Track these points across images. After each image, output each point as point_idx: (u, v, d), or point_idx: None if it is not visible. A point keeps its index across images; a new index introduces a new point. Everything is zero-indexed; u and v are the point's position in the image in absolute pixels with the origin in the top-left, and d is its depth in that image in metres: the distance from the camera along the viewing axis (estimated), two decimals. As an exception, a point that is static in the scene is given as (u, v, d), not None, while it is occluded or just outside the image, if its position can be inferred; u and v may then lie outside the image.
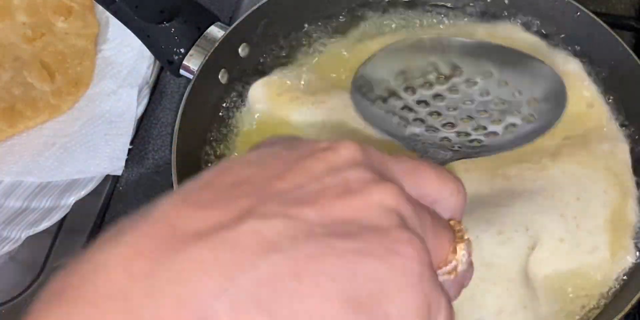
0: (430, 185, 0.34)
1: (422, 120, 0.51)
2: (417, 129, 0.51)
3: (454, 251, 0.33)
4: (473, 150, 0.50)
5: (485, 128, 0.51)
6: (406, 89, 0.53)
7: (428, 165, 0.34)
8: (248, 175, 0.30)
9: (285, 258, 0.27)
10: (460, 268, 0.33)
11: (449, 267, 0.33)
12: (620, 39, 0.58)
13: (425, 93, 0.53)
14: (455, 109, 0.52)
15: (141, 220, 0.28)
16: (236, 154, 0.59)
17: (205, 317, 0.25)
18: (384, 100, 0.52)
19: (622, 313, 0.50)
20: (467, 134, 0.51)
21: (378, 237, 0.28)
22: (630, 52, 0.58)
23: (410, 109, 0.52)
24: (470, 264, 0.34)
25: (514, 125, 0.51)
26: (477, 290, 0.51)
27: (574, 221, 0.53)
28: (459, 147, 0.50)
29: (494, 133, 0.51)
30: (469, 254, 0.34)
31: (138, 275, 0.26)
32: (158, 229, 0.27)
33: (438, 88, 0.53)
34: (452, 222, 0.35)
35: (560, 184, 0.55)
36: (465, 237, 0.34)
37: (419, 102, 0.52)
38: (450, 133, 0.51)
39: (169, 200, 0.29)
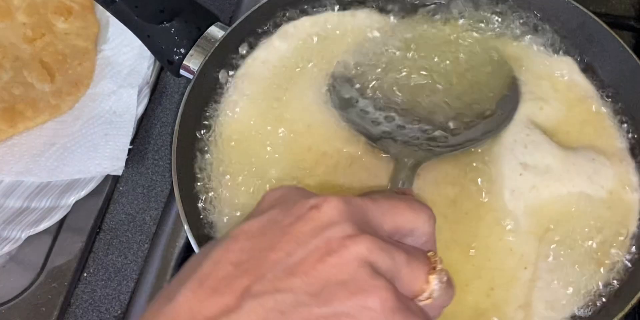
0: (405, 219, 0.41)
1: (392, 118, 0.55)
2: (388, 128, 0.54)
3: (428, 282, 0.39)
4: (441, 150, 0.53)
5: (448, 128, 0.55)
6: (371, 86, 0.57)
7: (403, 202, 0.42)
8: (248, 253, 0.38)
9: None
10: (435, 295, 0.40)
11: (424, 295, 0.39)
12: (620, 39, 0.58)
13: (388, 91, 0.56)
14: (422, 109, 0.56)
15: (166, 303, 0.37)
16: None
17: None
18: (357, 100, 0.56)
19: (622, 313, 0.50)
20: (433, 132, 0.54)
21: (348, 291, 0.36)
22: (630, 52, 0.58)
23: (381, 108, 0.56)
24: (448, 288, 0.41)
25: (476, 124, 0.55)
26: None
27: None
28: (429, 145, 0.53)
29: (458, 132, 0.54)
30: (444, 282, 0.40)
31: None
32: (182, 313, 0.36)
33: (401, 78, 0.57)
34: (429, 254, 0.41)
35: None
36: (438, 267, 0.40)
37: (387, 100, 0.56)
38: (418, 131, 0.54)
39: (190, 285, 0.37)
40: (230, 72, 0.60)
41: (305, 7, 0.62)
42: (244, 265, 0.37)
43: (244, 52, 0.61)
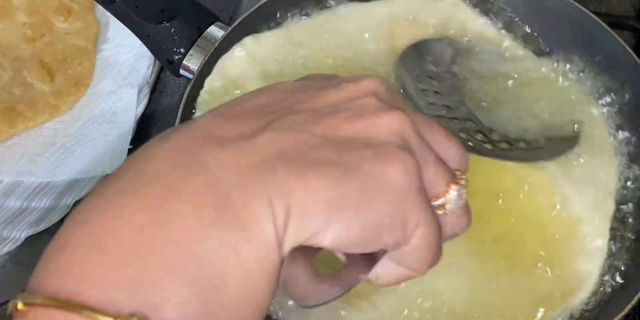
0: (440, 137, 0.37)
1: (449, 108, 0.54)
2: (441, 113, 0.54)
3: (447, 190, 0.36)
4: (482, 150, 0.52)
5: (496, 140, 0.54)
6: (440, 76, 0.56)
7: (441, 126, 0.38)
8: (279, 99, 0.36)
9: (288, 165, 0.32)
10: (448, 206, 0.36)
11: (438, 202, 0.36)
12: (620, 39, 0.58)
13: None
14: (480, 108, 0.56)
15: (185, 126, 0.35)
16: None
17: (219, 191, 0.32)
18: (420, 81, 0.55)
19: (623, 313, 0.50)
20: (483, 133, 0.53)
21: (373, 152, 0.33)
22: (631, 52, 0.58)
23: (442, 95, 0.55)
24: (463, 210, 0.38)
25: (527, 142, 0.54)
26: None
27: None
28: (472, 144, 0.52)
29: (504, 146, 0.53)
30: (463, 198, 0.37)
31: (177, 164, 0.33)
32: (197, 132, 0.34)
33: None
34: (457, 172, 0.37)
35: None
36: (462, 182, 0.37)
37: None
38: (469, 126, 0.54)
39: (211, 113, 0.36)
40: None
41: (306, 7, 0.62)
42: (270, 108, 0.35)
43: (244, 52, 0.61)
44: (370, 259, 0.36)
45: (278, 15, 0.61)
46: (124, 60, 0.70)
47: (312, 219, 0.32)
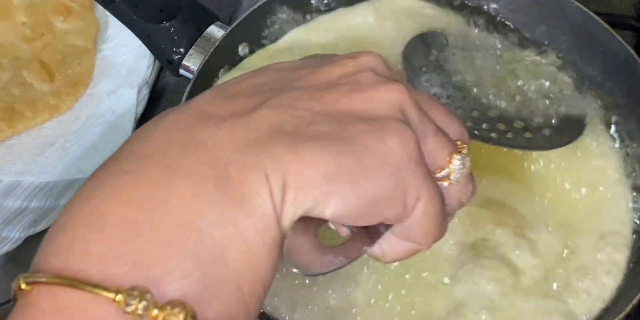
0: (440, 114, 0.37)
1: (453, 97, 0.55)
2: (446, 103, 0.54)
3: (450, 161, 0.36)
4: (487, 136, 0.53)
5: (500, 129, 0.54)
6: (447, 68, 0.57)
7: (441, 104, 0.38)
8: (276, 78, 0.36)
9: (284, 140, 0.32)
10: (453, 176, 0.37)
11: (442, 174, 0.36)
12: (620, 39, 0.58)
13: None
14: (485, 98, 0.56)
15: (181, 107, 0.35)
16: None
17: (217, 167, 0.32)
18: (426, 72, 0.56)
19: (623, 313, 0.50)
20: (487, 123, 0.54)
21: (370, 125, 0.33)
22: (631, 51, 0.58)
23: (445, 88, 0.56)
24: (468, 179, 0.38)
25: (528, 137, 0.54)
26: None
27: None
28: (477, 131, 0.53)
29: (509, 135, 0.54)
30: (466, 167, 0.37)
31: (173, 143, 0.33)
32: (192, 111, 0.35)
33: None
34: (458, 142, 0.38)
35: None
36: (464, 151, 0.37)
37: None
38: (474, 117, 0.54)
39: (207, 92, 0.36)
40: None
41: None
42: (268, 86, 0.36)
43: (244, 52, 0.61)
44: (374, 231, 0.36)
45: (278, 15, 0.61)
46: (124, 60, 0.70)
47: (308, 191, 0.32)
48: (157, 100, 0.71)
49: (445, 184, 0.37)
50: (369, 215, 0.34)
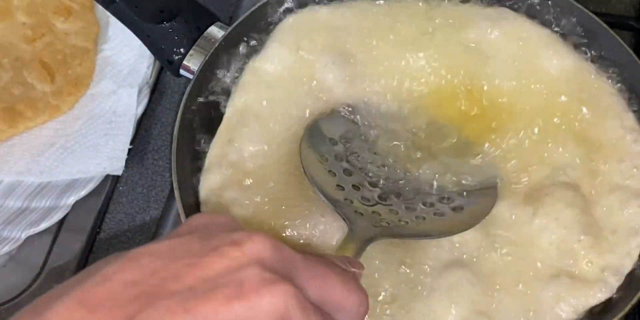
0: (334, 294, 0.36)
1: (358, 188, 0.52)
2: (351, 196, 0.51)
3: None
4: (399, 231, 0.50)
5: (414, 210, 0.52)
6: (350, 153, 0.54)
7: (337, 274, 0.36)
8: (149, 273, 0.32)
9: None
10: None
11: None
12: (620, 39, 0.58)
13: (368, 160, 0.54)
14: (393, 182, 0.53)
15: (46, 313, 0.31)
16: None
17: None
18: (327, 159, 0.53)
19: (622, 313, 0.50)
20: (396, 213, 0.51)
21: None
22: (631, 52, 0.58)
23: (350, 174, 0.53)
24: None
25: (442, 214, 0.52)
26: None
27: None
28: (388, 223, 0.50)
29: (422, 217, 0.51)
30: None
31: None
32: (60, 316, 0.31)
33: (381, 159, 0.55)
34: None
35: None
36: None
37: (360, 168, 0.54)
38: (382, 207, 0.51)
39: (67, 300, 0.31)
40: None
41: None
42: (137, 288, 0.32)
43: (244, 52, 0.61)
44: None
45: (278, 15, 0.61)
46: (124, 60, 0.70)
47: None
48: (158, 100, 0.71)
49: None
50: None
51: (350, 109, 0.57)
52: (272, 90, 0.58)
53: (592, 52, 0.59)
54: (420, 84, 0.58)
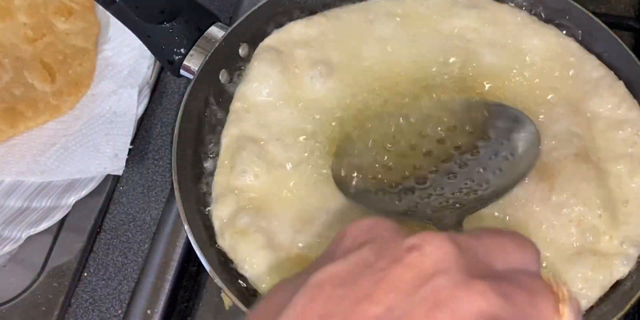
0: (514, 258, 0.35)
1: (411, 191, 0.51)
2: (411, 200, 0.51)
3: (560, 315, 0.33)
4: (472, 203, 0.50)
5: (473, 180, 0.51)
6: (385, 164, 0.53)
7: (508, 238, 0.36)
8: (338, 299, 0.31)
9: None
10: None
11: None
12: (620, 39, 0.58)
13: (406, 164, 0.53)
14: (437, 170, 0.52)
15: None
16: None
17: None
18: (367, 181, 0.52)
19: (622, 313, 0.50)
20: (460, 189, 0.51)
21: None
22: (630, 52, 0.58)
23: (396, 184, 0.52)
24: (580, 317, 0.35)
25: (500, 169, 0.51)
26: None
27: None
28: (459, 204, 0.50)
29: (486, 181, 0.51)
30: (577, 311, 0.34)
31: None
32: None
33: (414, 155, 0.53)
34: (550, 281, 0.35)
35: None
36: (567, 295, 0.34)
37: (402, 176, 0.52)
38: (444, 193, 0.51)
39: None
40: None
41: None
42: (327, 318, 0.31)
43: (244, 52, 0.61)
44: None
45: (279, 15, 0.61)
46: (125, 60, 0.70)
47: None
48: (158, 100, 0.71)
49: None
50: None
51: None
52: (265, 114, 0.58)
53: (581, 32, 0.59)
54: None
